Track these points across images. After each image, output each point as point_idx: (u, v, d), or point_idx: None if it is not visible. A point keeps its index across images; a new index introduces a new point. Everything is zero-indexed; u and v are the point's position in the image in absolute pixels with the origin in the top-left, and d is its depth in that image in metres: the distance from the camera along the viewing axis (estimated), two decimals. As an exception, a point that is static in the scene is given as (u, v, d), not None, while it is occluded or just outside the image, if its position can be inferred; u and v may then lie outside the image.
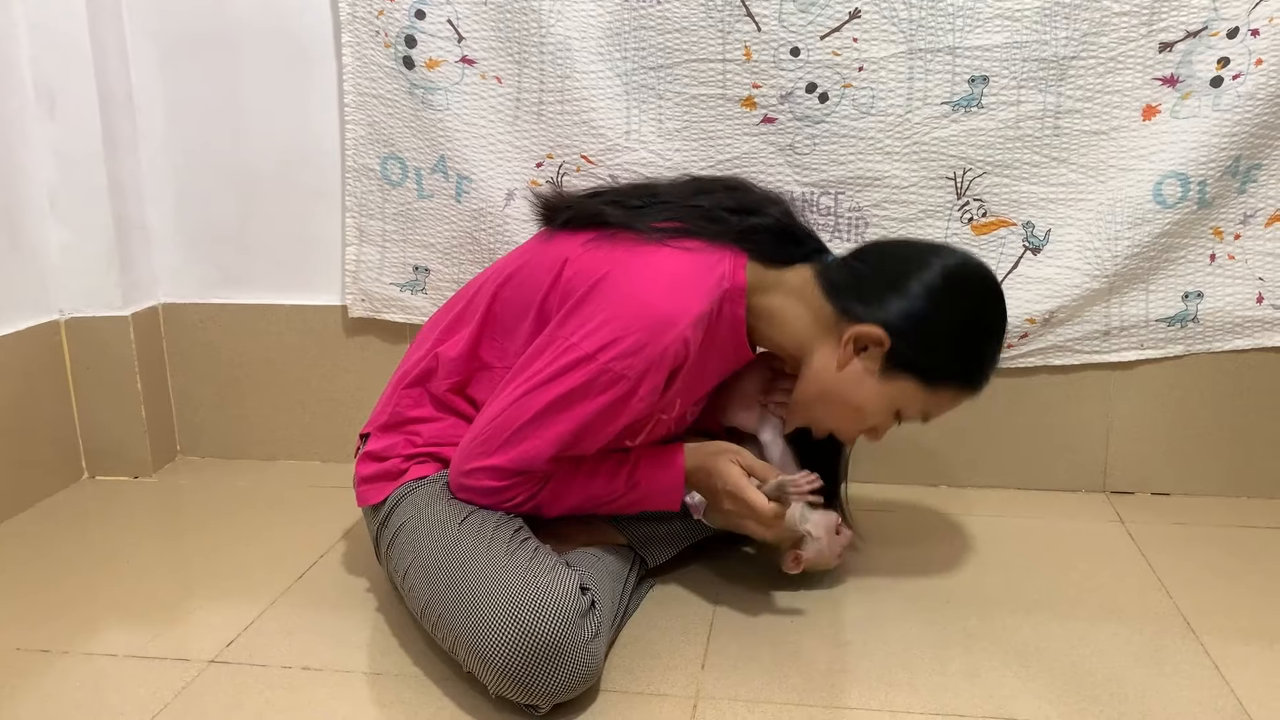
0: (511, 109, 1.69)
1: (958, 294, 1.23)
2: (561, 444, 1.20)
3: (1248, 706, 1.13)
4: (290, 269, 1.87)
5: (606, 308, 1.17)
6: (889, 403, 1.25)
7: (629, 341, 1.15)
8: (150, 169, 1.86)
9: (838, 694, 1.17)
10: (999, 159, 1.61)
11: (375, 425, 1.37)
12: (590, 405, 1.18)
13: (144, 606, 1.41)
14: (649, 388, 1.18)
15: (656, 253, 1.22)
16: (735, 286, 1.23)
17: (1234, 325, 1.64)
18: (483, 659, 1.10)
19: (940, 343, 1.22)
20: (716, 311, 1.21)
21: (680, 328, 1.16)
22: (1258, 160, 1.57)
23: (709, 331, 1.22)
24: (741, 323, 1.26)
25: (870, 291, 1.23)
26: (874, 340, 1.21)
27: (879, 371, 1.23)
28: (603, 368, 1.16)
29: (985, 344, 1.26)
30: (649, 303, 1.17)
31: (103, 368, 1.85)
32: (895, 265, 1.25)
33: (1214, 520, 1.63)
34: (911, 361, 1.22)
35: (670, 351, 1.16)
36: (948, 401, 1.27)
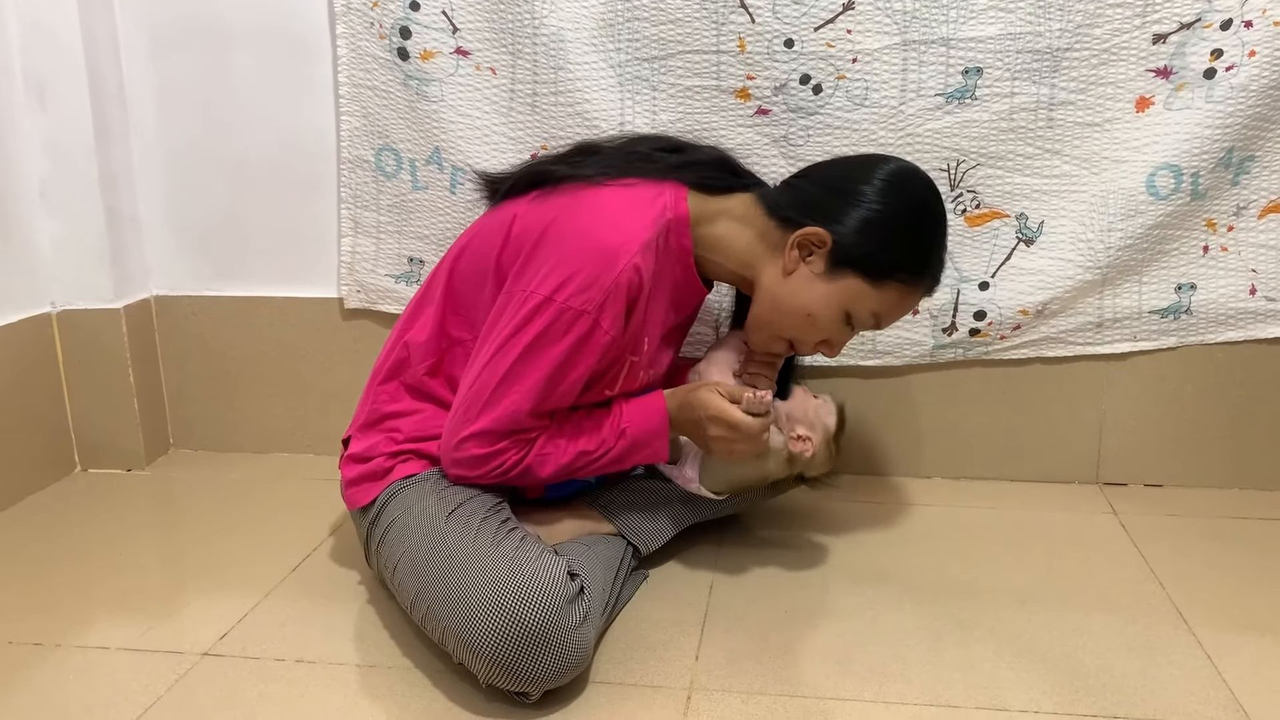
0: (506, 100, 1.68)
1: (895, 188, 1.25)
2: (539, 394, 1.20)
3: (1239, 696, 1.13)
4: (283, 261, 1.87)
5: (556, 251, 1.20)
6: (838, 303, 1.26)
7: (582, 276, 1.17)
8: (142, 160, 1.85)
9: (832, 685, 1.17)
10: (992, 151, 1.60)
11: (355, 426, 1.37)
12: (558, 348, 1.19)
13: (137, 599, 1.41)
14: (610, 318, 1.19)
15: (598, 193, 1.26)
16: (678, 216, 1.26)
17: (1227, 317, 1.64)
18: (471, 648, 1.10)
19: (880, 233, 1.23)
20: (664, 243, 1.24)
21: (629, 255, 1.18)
22: (1251, 152, 1.57)
23: (659, 263, 1.24)
24: (688, 253, 1.28)
25: (811, 200, 1.26)
26: (816, 240, 1.23)
27: (824, 272, 1.25)
28: (561, 307, 1.17)
29: (926, 233, 1.27)
30: (595, 236, 1.19)
31: (95, 361, 1.85)
32: (833, 173, 1.30)
33: (1207, 511, 1.63)
34: (854, 257, 1.23)
35: (624, 279, 1.18)
36: (896, 299, 1.27)
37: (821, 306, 1.26)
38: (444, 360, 1.33)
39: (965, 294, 1.67)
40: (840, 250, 1.23)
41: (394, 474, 1.30)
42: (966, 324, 1.68)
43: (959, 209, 1.64)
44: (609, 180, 1.27)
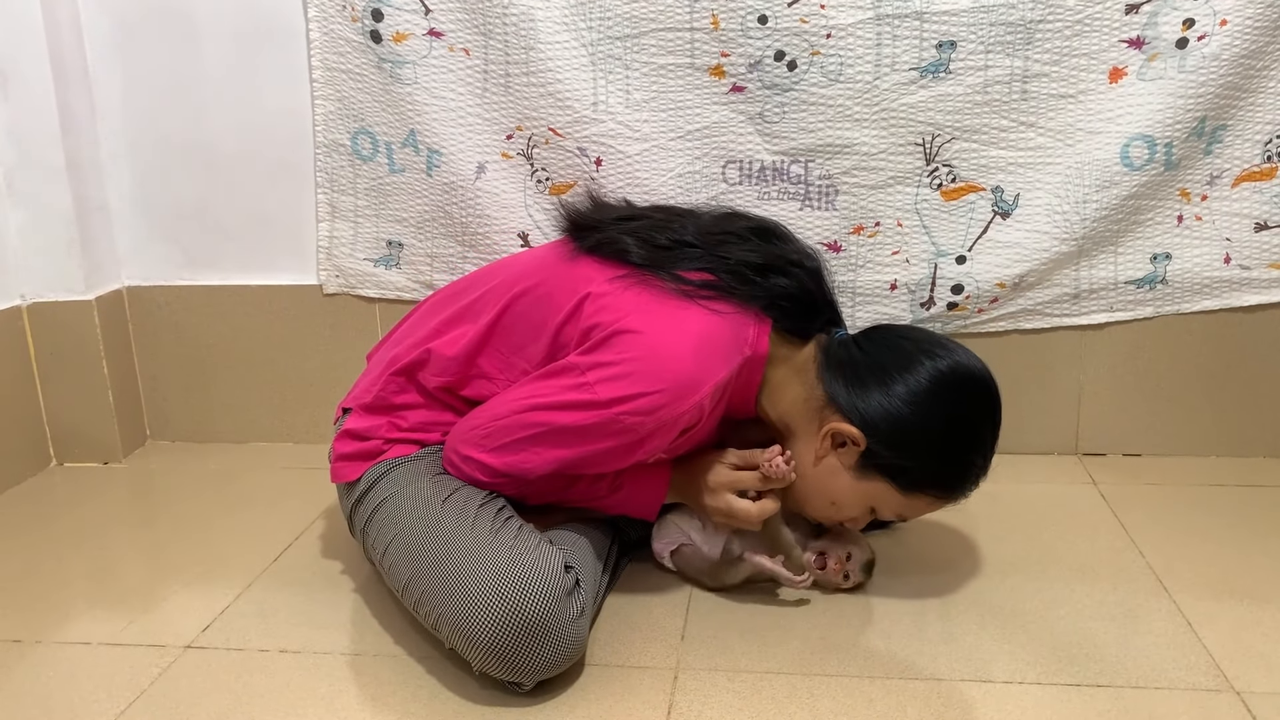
0: (479, 81, 1.67)
1: (941, 401, 1.19)
2: (557, 467, 1.20)
3: (1219, 662, 1.15)
4: (257, 249, 1.85)
5: (629, 358, 1.15)
6: (864, 500, 1.23)
7: (647, 401, 1.13)
8: (109, 148, 1.82)
9: (816, 662, 1.18)
10: (967, 124, 1.60)
11: (359, 403, 1.34)
12: (593, 446, 1.18)
13: (117, 593, 1.40)
14: (657, 443, 1.18)
15: (685, 310, 1.18)
16: (757, 355, 1.21)
17: (1202, 286, 1.65)
18: (468, 637, 1.09)
19: (917, 451, 1.19)
20: (734, 379, 1.20)
21: (701, 394, 1.15)
22: (1223, 121, 1.57)
23: (722, 398, 1.21)
24: (754, 389, 1.25)
25: (860, 381, 1.21)
26: (850, 439, 1.20)
27: (854, 469, 1.21)
28: (614, 418, 1.15)
29: (965, 455, 1.21)
30: (673, 364, 1.14)
31: (68, 353, 1.82)
32: (888, 357, 1.22)
33: (1185, 480, 1.65)
34: (887, 465, 1.19)
35: (686, 416, 1.16)
36: (924, 506, 1.24)
37: (847, 500, 1.24)
38: (464, 383, 1.29)
39: (942, 268, 1.67)
40: (873, 456, 1.19)
41: (388, 454, 1.29)
42: (944, 298, 1.68)
43: (935, 183, 1.64)
44: (698, 299, 1.19)
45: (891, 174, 1.63)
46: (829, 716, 1.07)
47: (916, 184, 1.64)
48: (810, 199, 1.66)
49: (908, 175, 1.63)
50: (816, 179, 1.64)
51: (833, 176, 1.64)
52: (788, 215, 1.65)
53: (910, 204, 1.65)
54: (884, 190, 1.64)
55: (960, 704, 1.09)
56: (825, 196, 1.65)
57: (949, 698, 1.10)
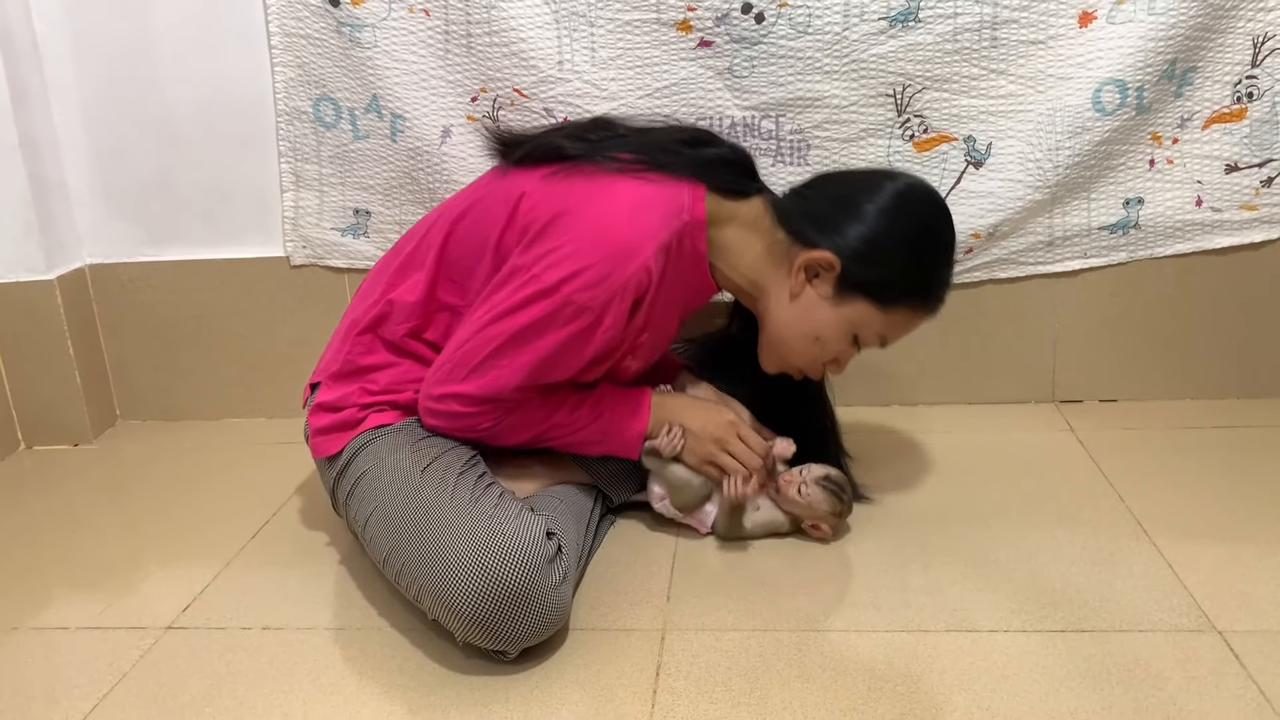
0: (441, 43, 1.63)
1: (905, 213, 1.23)
2: (528, 373, 1.19)
3: (1201, 602, 1.16)
4: (220, 222, 1.81)
5: (568, 239, 1.16)
6: (845, 327, 1.25)
7: (592, 273, 1.14)
8: (63, 123, 1.78)
9: (802, 617, 1.18)
10: (938, 73, 1.59)
11: (326, 374, 1.33)
12: (555, 336, 1.17)
13: (94, 576, 1.38)
14: (613, 318, 1.17)
15: (616, 183, 1.20)
16: (695, 219, 1.22)
17: (1174, 229, 1.65)
18: (449, 607, 1.09)
19: (890, 260, 1.21)
20: (677, 245, 1.20)
21: (643, 257, 1.15)
22: (1193, 63, 1.57)
23: (671, 264, 1.20)
24: (703, 256, 1.25)
25: (821, 216, 1.23)
26: (824, 265, 1.21)
27: (832, 295, 1.23)
28: (566, 299, 1.15)
29: (935, 260, 1.26)
30: (610, 232, 1.16)
31: (31, 335, 1.79)
32: (844, 190, 1.26)
33: (1161, 423, 1.66)
34: (863, 282, 1.21)
35: (633, 281, 1.15)
36: (903, 322, 1.26)
37: (829, 330, 1.25)
38: (429, 323, 1.29)
39: (916, 220, 1.66)
40: (847, 273, 1.21)
41: (365, 424, 1.27)
42: (919, 250, 1.67)
43: (907, 135, 1.62)
44: (628, 171, 1.22)
45: (863, 126, 1.62)
46: (816, 672, 1.08)
47: (889, 136, 1.62)
48: (782, 154, 1.64)
49: (879, 127, 1.62)
50: (788, 134, 1.63)
51: (804, 131, 1.62)
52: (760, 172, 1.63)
53: (883, 156, 1.63)
54: (856, 143, 1.63)
55: (947, 654, 1.09)
56: (797, 151, 1.63)
57: (935, 649, 1.10)
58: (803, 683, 1.06)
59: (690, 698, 1.05)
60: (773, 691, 1.05)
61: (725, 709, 1.03)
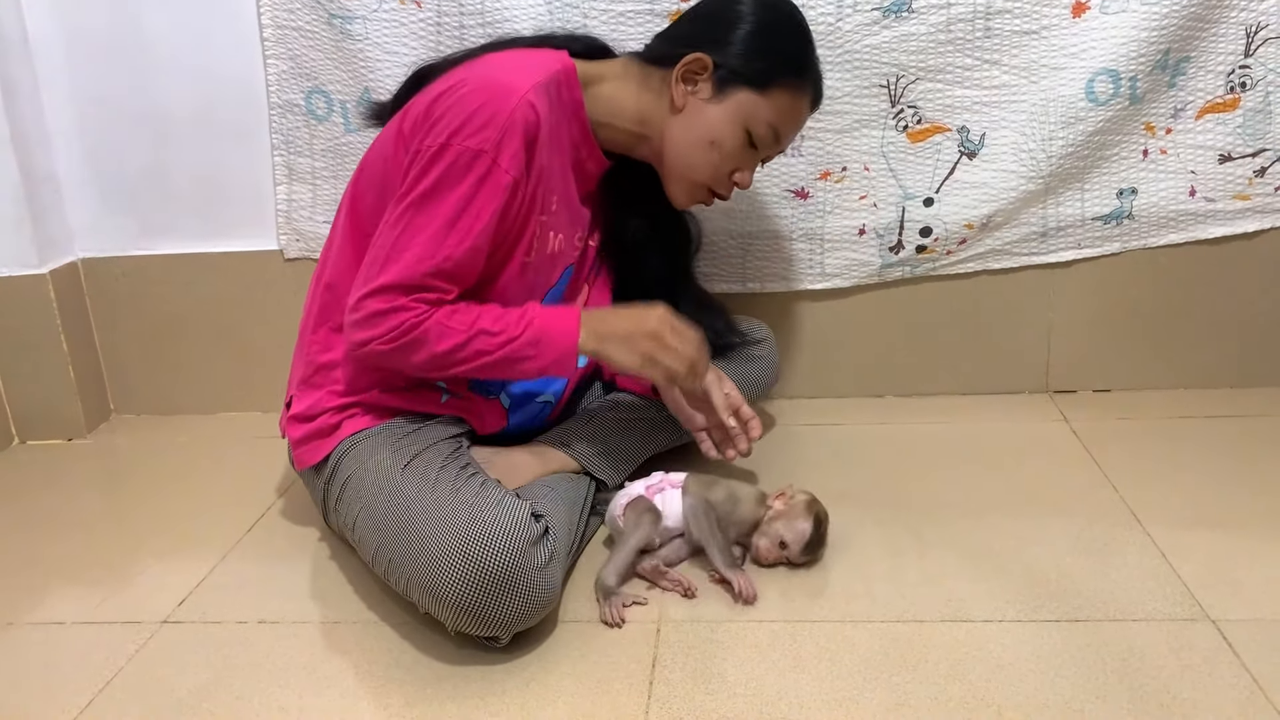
0: (433, 34, 1.62)
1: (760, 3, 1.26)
2: (438, 243, 1.14)
3: (1194, 591, 1.16)
4: (214, 215, 1.81)
5: (447, 104, 1.16)
6: (735, 121, 1.26)
7: (479, 118, 1.14)
8: (54, 116, 1.77)
9: (798, 608, 1.18)
10: (931, 64, 1.59)
11: (294, 384, 1.34)
12: (457, 191, 1.14)
13: (89, 571, 1.38)
14: (509, 156, 1.15)
15: (484, 59, 1.26)
16: (565, 68, 1.25)
17: (1168, 219, 1.65)
18: (437, 597, 1.09)
19: (756, 42, 1.25)
20: (555, 94, 1.22)
21: (522, 91, 1.16)
22: (1186, 53, 1.57)
23: (554, 112, 1.22)
24: (581, 106, 1.27)
25: (682, 35, 1.29)
26: (697, 67, 1.25)
27: (713, 95, 1.26)
28: (459, 149, 1.14)
29: (798, 36, 1.29)
30: (486, 82, 1.16)
31: (24, 329, 1.78)
32: (699, 7, 1.32)
33: (1155, 413, 1.66)
34: (737, 70, 1.25)
35: (519, 115, 1.15)
36: (788, 108, 1.28)
37: (720, 129, 1.26)
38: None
39: (910, 211, 1.66)
40: (722, 69, 1.24)
41: (343, 430, 1.27)
42: (913, 241, 1.67)
43: (900, 125, 1.62)
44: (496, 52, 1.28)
45: (857, 117, 1.62)
46: (811, 662, 1.08)
47: (882, 126, 1.62)
48: (776, 145, 1.64)
49: (873, 118, 1.62)
50: (781, 124, 1.62)
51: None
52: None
53: (877, 147, 1.63)
54: (850, 134, 1.63)
55: (942, 645, 1.09)
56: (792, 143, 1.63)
57: (930, 639, 1.11)
58: (798, 673, 1.06)
59: (686, 689, 1.05)
60: (768, 682, 1.05)
61: (721, 700, 1.03)
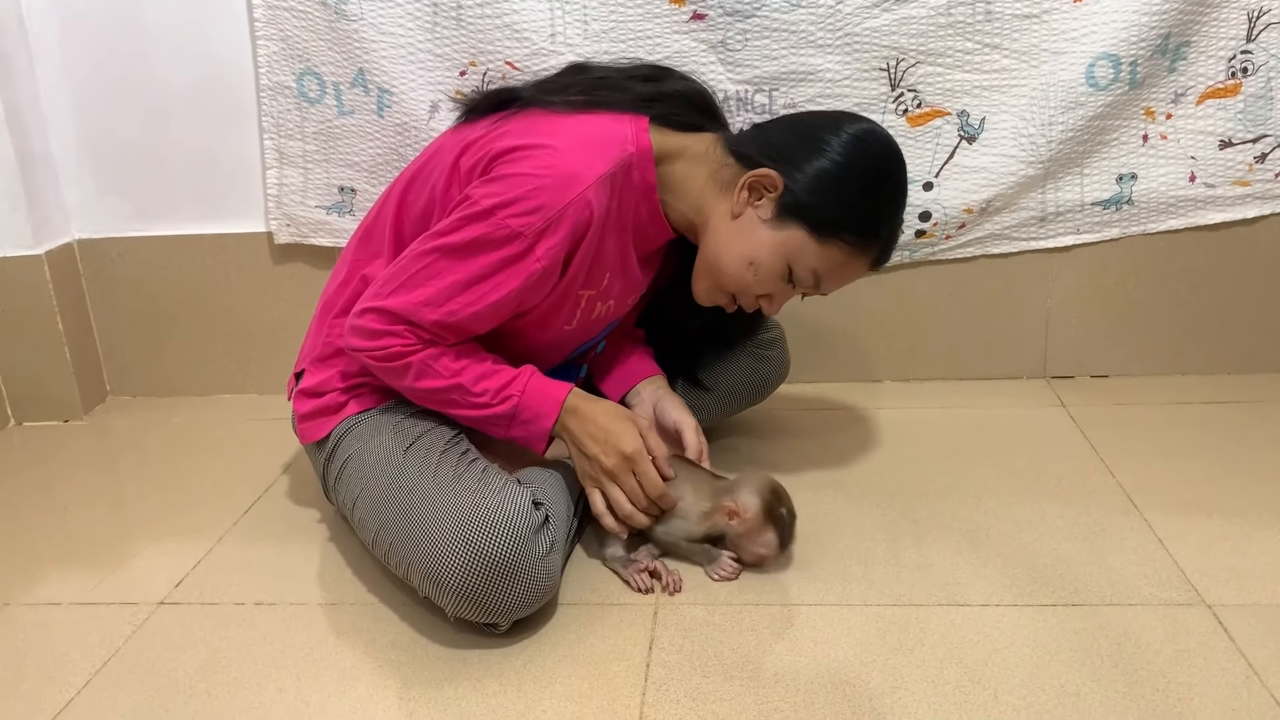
0: (429, 15, 1.61)
1: (860, 149, 1.18)
2: (449, 295, 1.14)
3: (1190, 576, 1.16)
4: (209, 197, 1.80)
5: (508, 170, 1.14)
6: (781, 253, 1.19)
7: (530, 202, 1.11)
8: (49, 97, 1.76)
9: (794, 592, 1.18)
10: (932, 47, 1.58)
11: (308, 360, 1.32)
12: (482, 260, 1.13)
13: (86, 552, 1.38)
14: (546, 249, 1.13)
15: (559, 120, 1.19)
16: (640, 149, 1.19)
17: (1167, 205, 1.65)
18: (438, 583, 1.09)
19: (833, 187, 1.17)
20: (624, 178, 1.18)
21: (581, 187, 1.12)
22: (1187, 38, 1.56)
23: (618, 198, 1.18)
24: (653, 189, 1.21)
25: (773, 143, 1.20)
26: (767, 184, 1.18)
27: (772, 218, 1.18)
28: (499, 223, 1.12)
29: (879, 200, 1.20)
30: (551, 163, 1.13)
31: (20, 310, 1.78)
32: (804, 123, 1.24)
33: (1152, 399, 1.66)
34: (803, 205, 1.17)
35: (571, 211, 1.12)
36: (840, 262, 1.20)
37: (764, 255, 1.19)
38: None
39: (910, 196, 1.65)
40: (789, 196, 1.17)
41: (348, 409, 1.26)
42: (912, 226, 1.67)
43: (900, 109, 1.62)
44: (570, 110, 1.20)
45: (856, 101, 1.61)
46: (808, 646, 1.08)
47: (882, 110, 1.62)
48: (775, 128, 1.63)
49: (873, 101, 1.61)
50: (781, 108, 1.61)
51: (797, 105, 1.61)
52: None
53: (876, 131, 1.63)
54: (849, 118, 1.62)
55: (937, 629, 1.10)
56: (790, 126, 1.63)
57: (926, 623, 1.11)
58: (795, 656, 1.07)
59: (683, 671, 1.05)
60: (765, 665, 1.05)
61: (718, 682, 1.03)
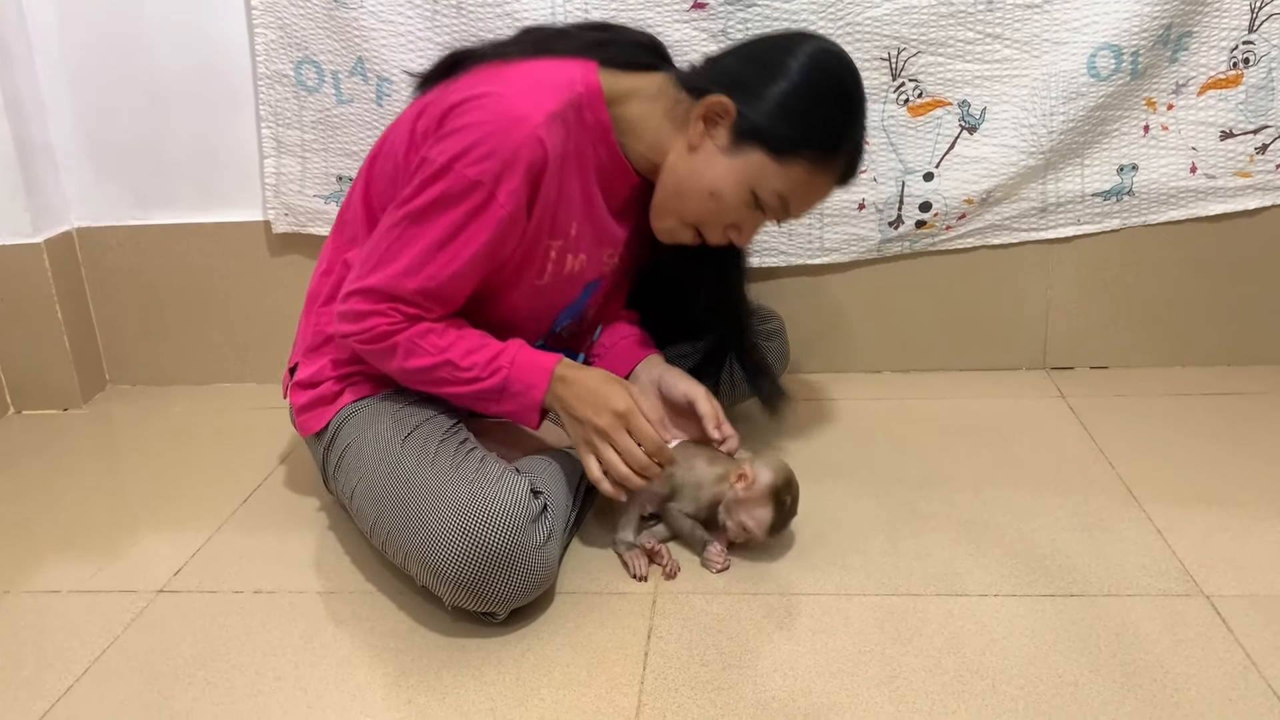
0: (429, 3, 1.61)
1: (811, 64, 1.15)
2: (425, 260, 1.14)
3: (1189, 567, 1.16)
4: (208, 186, 1.79)
5: (459, 122, 1.13)
6: (742, 179, 1.17)
7: (482, 148, 1.11)
8: (48, 85, 1.76)
9: (793, 581, 1.18)
10: (933, 37, 1.57)
11: (300, 352, 1.33)
12: (449, 216, 1.13)
13: (85, 540, 1.38)
14: (507, 192, 1.12)
15: (507, 68, 1.19)
16: (589, 89, 1.18)
17: (1168, 196, 1.65)
18: (435, 572, 1.09)
19: (788, 106, 1.15)
20: (576, 118, 1.17)
21: (531, 125, 1.11)
22: (1188, 28, 1.56)
23: (574, 141, 1.18)
24: (607, 129, 1.20)
25: (727, 71, 1.19)
26: (720, 110, 1.16)
27: (729, 145, 1.16)
28: (457, 176, 1.11)
29: (835, 111, 1.18)
30: (498, 107, 1.12)
31: (19, 298, 1.78)
32: (751, 47, 1.22)
33: (1152, 390, 1.66)
34: (759, 128, 1.15)
35: (524, 151, 1.11)
36: (803, 181, 1.18)
37: (725, 183, 1.17)
38: None
39: (910, 186, 1.65)
40: (744, 121, 1.15)
41: (344, 397, 1.26)
42: (912, 216, 1.67)
43: (901, 99, 1.61)
44: (518, 58, 1.21)
45: (857, 90, 1.61)
46: (806, 635, 1.08)
47: (883, 100, 1.61)
48: (775, 118, 1.62)
49: (874, 91, 1.60)
50: (781, 97, 1.61)
51: (797, 94, 1.61)
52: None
53: (877, 121, 1.62)
54: (850, 107, 1.62)
55: (936, 619, 1.10)
56: (790, 115, 1.62)
57: (925, 613, 1.11)
58: (793, 645, 1.07)
59: (681, 660, 1.05)
60: (763, 654, 1.06)
61: (716, 671, 1.03)
